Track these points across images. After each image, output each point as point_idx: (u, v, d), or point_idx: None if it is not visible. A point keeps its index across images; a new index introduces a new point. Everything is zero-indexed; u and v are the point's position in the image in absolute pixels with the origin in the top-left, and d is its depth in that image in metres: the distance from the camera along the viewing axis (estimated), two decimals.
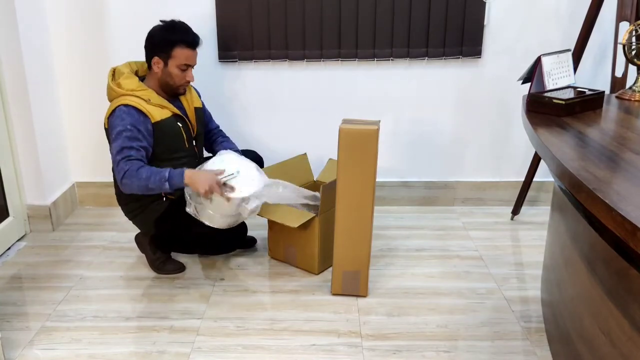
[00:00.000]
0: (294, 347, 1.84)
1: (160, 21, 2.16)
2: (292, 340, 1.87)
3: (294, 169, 2.37)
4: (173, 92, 2.19)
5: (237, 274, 2.29)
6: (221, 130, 2.48)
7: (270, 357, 1.79)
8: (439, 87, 2.75)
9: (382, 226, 2.69)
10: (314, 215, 2.18)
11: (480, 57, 2.68)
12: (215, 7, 2.60)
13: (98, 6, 2.63)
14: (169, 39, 2.11)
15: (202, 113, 2.33)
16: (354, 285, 2.10)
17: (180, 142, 2.18)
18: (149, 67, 2.16)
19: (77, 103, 2.78)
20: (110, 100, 2.13)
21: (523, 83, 1.89)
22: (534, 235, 2.61)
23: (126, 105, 2.05)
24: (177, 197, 2.15)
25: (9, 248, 2.52)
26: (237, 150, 2.33)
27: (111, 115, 2.07)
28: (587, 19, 2.36)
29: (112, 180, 2.29)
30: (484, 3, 2.58)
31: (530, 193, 2.80)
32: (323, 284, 2.21)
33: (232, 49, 2.66)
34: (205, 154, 2.44)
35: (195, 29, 2.16)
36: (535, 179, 2.70)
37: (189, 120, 2.24)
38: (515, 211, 2.78)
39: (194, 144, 2.26)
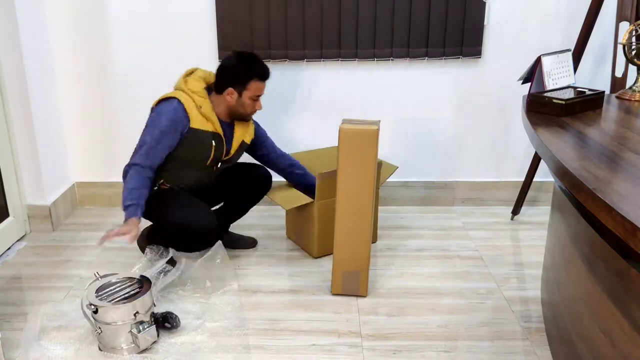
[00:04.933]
0: (294, 347, 1.84)
1: (233, 52, 2.19)
2: (292, 340, 1.87)
3: (323, 158, 2.53)
4: (242, 118, 2.25)
5: (237, 274, 2.29)
6: (294, 161, 2.45)
7: (270, 357, 1.79)
8: (439, 87, 2.75)
9: (382, 226, 2.69)
10: (311, 200, 2.31)
11: (480, 57, 2.68)
12: (215, 7, 2.59)
13: (98, 5, 2.63)
14: (246, 72, 2.14)
15: (247, 146, 2.33)
16: (354, 285, 2.10)
17: (203, 158, 2.17)
18: (220, 92, 2.16)
19: (77, 103, 2.78)
20: (174, 88, 2.20)
21: (523, 83, 1.89)
22: (534, 235, 2.61)
23: (179, 103, 2.10)
24: (166, 187, 2.14)
25: (9, 248, 2.52)
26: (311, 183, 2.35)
27: (165, 101, 2.12)
28: (587, 19, 2.37)
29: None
30: (484, 3, 2.58)
31: (530, 193, 2.80)
32: (323, 284, 2.21)
33: (232, 49, 2.65)
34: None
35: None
36: (535, 179, 2.70)
37: (226, 144, 2.23)
38: (515, 211, 2.78)
39: (219, 165, 2.26)
